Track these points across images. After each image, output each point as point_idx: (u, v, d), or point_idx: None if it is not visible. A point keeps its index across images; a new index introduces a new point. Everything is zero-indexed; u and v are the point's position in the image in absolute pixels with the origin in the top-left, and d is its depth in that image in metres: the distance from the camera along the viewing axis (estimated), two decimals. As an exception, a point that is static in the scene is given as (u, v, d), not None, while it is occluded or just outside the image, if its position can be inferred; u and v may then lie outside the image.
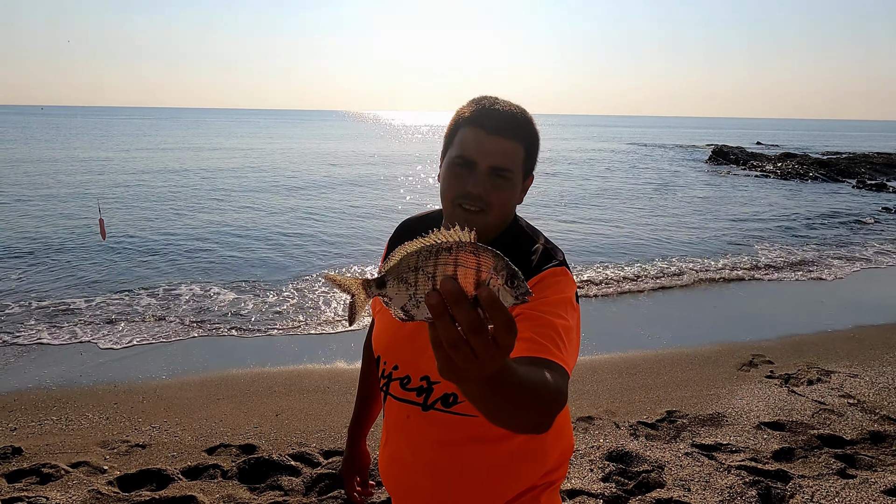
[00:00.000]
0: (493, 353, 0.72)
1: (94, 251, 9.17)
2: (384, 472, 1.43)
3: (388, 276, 0.78)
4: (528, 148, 1.28)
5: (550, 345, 1.10)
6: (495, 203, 1.24)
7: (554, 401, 0.98)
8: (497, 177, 1.23)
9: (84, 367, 4.93)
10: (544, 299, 1.19)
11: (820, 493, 3.17)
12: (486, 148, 1.23)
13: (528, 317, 1.16)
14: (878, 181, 20.51)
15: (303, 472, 3.27)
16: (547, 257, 1.28)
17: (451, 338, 0.71)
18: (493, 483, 1.27)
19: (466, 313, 0.70)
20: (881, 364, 5.15)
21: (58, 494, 3.00)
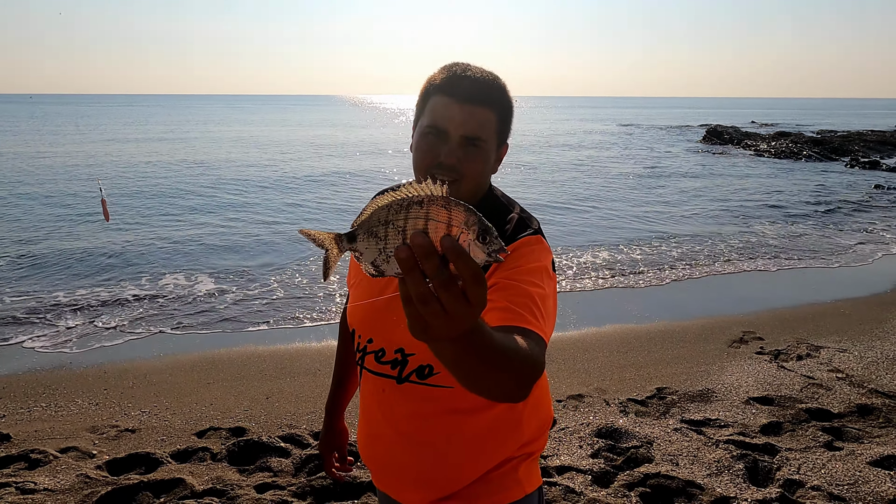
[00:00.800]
0: (464, 308, 0.70)
1: (83, 238, 9.10)
2: (363, 447, 1.42)
3: (359, 230, 0.76)
4: (502, 115, 1.25)
5: (527, 313, 1.08)
6: (468, 172, 1.22)
7: (531, 367, 0.96)
8: (470, 146, 1.21)
9: (73, 354, 4.91)
10: (519, 268, 1.17)
11: (806, 466, 3.20)
12: (458, 117, 1.20)
13: (504, 286, 1.14)
14: (871, 159, 20.52)
15: (292, 454, 3.27)
16: (522, 226, 1.27)
17: (421, 293, 0.69)
18: (471, 454, 1.26)
19: (436, 267, 0.68)
20: (870, 339, 5.18)
21: (46, 479, 2.99)
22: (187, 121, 49.01)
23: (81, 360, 4.76)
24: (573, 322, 5.68)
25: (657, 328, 5.51)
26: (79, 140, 27.94)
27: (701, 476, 3.09)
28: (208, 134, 34.01)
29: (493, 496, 1.28)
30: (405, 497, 1.34)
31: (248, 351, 4.98)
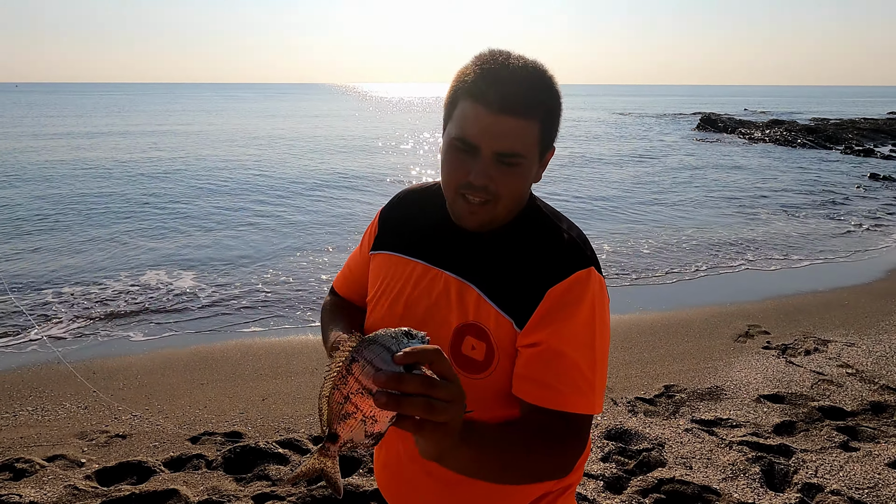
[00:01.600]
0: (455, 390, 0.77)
1: (65, 234, 8.88)
2: (381, 479, 1.28)
3: (333, 426, 0.80)
4: (546, 122, 1.05)
5: (570, 391, 1.02)
6: (504, 193, 1.04)
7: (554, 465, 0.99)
8: (505, 164, 1.02)
9: (61, 354, 4.74)
10: (566, 326, 1.03)
11: (824, 468, 3.10)
12: (491, 130, 1.00)
13: (546, 355, 1.02)
14: (865, 147, 20.50)
15: (291, 460, 3.14)
16: (575, 254, 1.08)
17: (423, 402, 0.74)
18: (505, 494, 1.12)
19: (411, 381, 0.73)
20: (877, 332, 5.10)
21: (32, 491, 2.84)
22: (177, 111, 48.37)
23: (69, 362, 4.60)
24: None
25: (660, 322, 5.40)
26: (42, 131, 27.47)
27: (716, 481, 2.99)
28: (207, 125, 33.58)
29: None
30: None
31: (242, 350, 4.83)
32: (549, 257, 1.07)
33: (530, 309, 1.05)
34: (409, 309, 1.15)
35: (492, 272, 1.09)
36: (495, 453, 0.92)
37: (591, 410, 1.03)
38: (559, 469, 1.00)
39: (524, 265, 1.08)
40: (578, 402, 1.02)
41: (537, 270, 1.06)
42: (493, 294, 1.08)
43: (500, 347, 1.06)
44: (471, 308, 1.09)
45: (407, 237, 1.21)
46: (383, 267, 1.23)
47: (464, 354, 1.08)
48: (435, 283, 1.13)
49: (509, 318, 1.06)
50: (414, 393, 0.73)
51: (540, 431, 0.99)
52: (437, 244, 1.16)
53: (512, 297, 1.06)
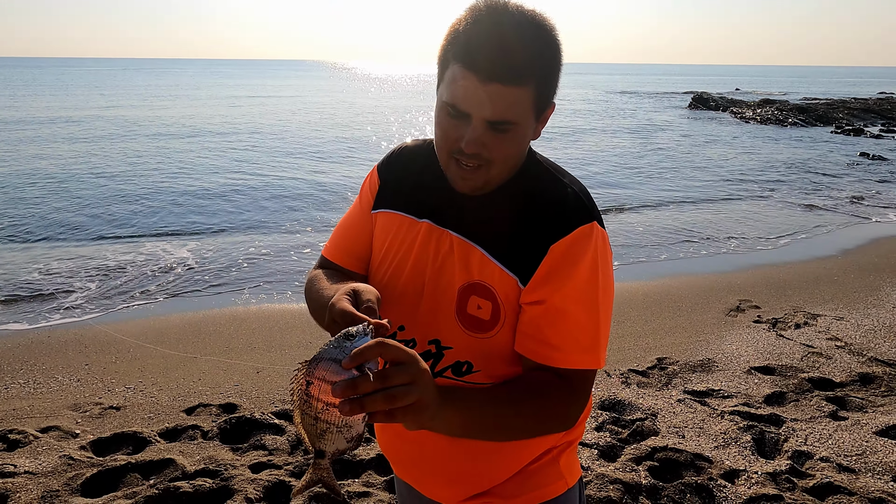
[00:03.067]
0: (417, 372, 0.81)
1: (50, 205, 8.76)
2: (384, 440, 1.27)
3: (316, 445, 0.85)
4: (541, 83, 0.99)
5: (573, 349, 1.02)
6: (497, 158, 1.01)
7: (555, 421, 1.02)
8: (497, 130, 0.98)
9: (51, 327, 4.70)
10: (569, 283, 1.01)
11: (813, 437, 3.15)
12: (481, 98, 0.95)
13: (550, 313, 1.01)
14: (855, 126, 20.58)
15: (287, 431, 3.14)
16: (577, 208, 1.05)
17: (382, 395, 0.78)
18: (510, 449, 1.12)
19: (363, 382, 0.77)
20: (865, 307, 5.16)
21: (27, 461, 2.83)
22: (169, 84, 47.58)
23: (60, 334, 4.56)
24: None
25: (653, 297, 5.43)
26: (38, 104, 26.95)
27: (708, 449, 3.03)
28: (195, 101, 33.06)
29: (536, 490, 1.14)
30: (434, 493, 1.20)
31: (235, 323, 4.81)
32: (551, 212, 1.05)
33: (534, 265, 1.03)
34: (416, 270, 1.13)
35: (494, 230, 1.08)
36: (486, 413, 0.95)
37: (594, 366, 1.04)
38: (562, 424, 1.02)
39: (526, 221, 1.06)
40: (582, 359, 1.03)
41: (539, 226, 1.04)
42: (496, 252, 1.06)
43: (507, 305, 1.05)
44: (475, 267, 1.07)
45: (410, 196, 1.18)
46: (389, 226, 1.19)
47: (470, 314, 1.07)
48: (441, 243, 1.11)
49: (514, 276, 1.04)
50: (372, 391, 0.77)
51: (543, 388, 1.00)
52: (440, 203, 1.13)
53: (515, 254, 1.05)
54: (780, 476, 2.79)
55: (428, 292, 1.11)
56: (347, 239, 1.26)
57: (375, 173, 1.26)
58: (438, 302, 1.09)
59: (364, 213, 1.25)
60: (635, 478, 2.76)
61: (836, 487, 2.71)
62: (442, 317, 1.09)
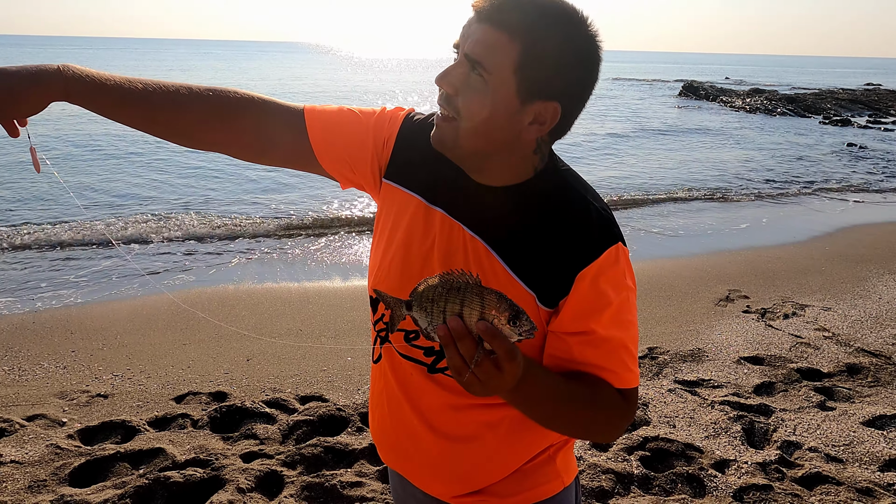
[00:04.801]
0: (496, 379, 0.85)
1: (35, 191, 8.60)
2: (378, 433, 1.25)
3: (413, 302, 0.89)
4: (530, 51, 0.92)
5: (620, 370, 1.04)
6: (464, 110, 0.96)
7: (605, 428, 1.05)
8: (473, 72, 0.95)
9: (36, 313, 4.62)
10: (608, 310, 1.01)
11: (802, 427, 3.19)
12: (470, 33, 0.96)
13: (600, 341, 1.02)
14: (843, 117, 20.73)
15: (278, 419, 3.12)
16: (603, 231, 1.02)
17: (456, 366, 0.84)
18: (508, 447, 1.11)
19: (467, 347, 0.83)
20: (852, 297, 5.22)
21: (13, 451, 2.78)
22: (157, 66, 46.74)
23: (45, 320, 4.48)
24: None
25: (642, 287, 5.44)
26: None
27: (699, 438, 3.05)
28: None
29: (532, 490, 1.13)
30: (428, 486, 1.19)
31: (224, 309, 4.76)
32: (577, 234, 1.01)
33: (559, 291, 1.01)
34: (427, 260, 1.08)
35: (512, 239, 1.03)
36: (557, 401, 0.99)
37: (637, 383, 1.07)
38: (611, 433, 1.06)
39: (549, 238, 1.01)
40: (630, 378, 1.05)
41: (565, 248, 1.00)
42: (514, 264, 1.03)
43: None
44: (489, 273, 1.03)
45: (425, 177, 1.10)
46: (401, 204, 1.12)
47: None
48: (453, 238, 1.06)
49: (532, 293, 1.02)
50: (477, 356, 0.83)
51: (607, 400, 1.03)
52: (454, 192, 1.08)
53: (535, 271, 1.02)
54: (769, 466, 2.82)
55: None
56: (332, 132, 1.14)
57: (399, 126, 1.15)
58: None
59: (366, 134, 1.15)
60: (627, 468, 2.78)
61: (825, 477, 2.75)
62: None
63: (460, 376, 0.84)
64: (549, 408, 0.99)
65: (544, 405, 0.99)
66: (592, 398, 1.02)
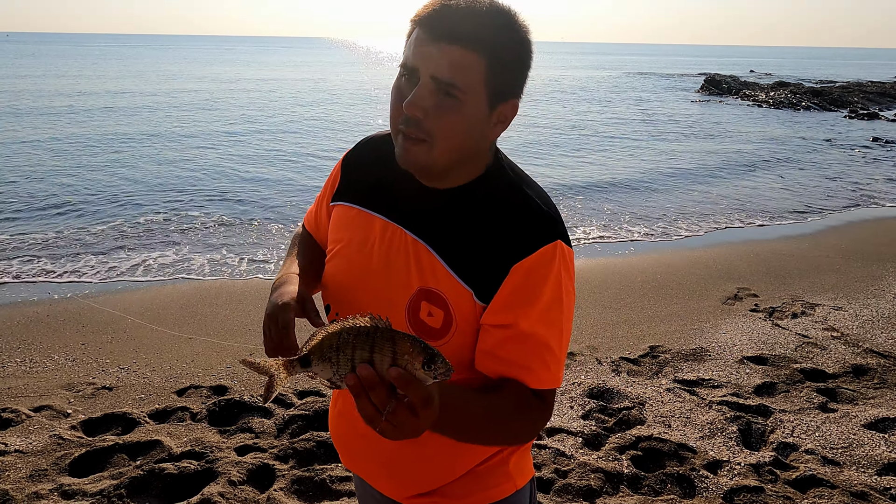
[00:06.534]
0: (412, 423, 0.82)
1: (47, 183, 8.81)
2: (335, 432, 1.28)
3: (313, 354, 0.84)
4: (496, 60, 0.96)
5: (538, 368, 1.03)
6: (439, 132, 0.96)
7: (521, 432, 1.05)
8: (443, 94, 0.95)
9: (51, 307, 4.75)
10: (535, 306, 1.00)
11: (801, 428, 3.15)
12: (430, 54, 0.94)
13: (520, 336, 1.01)
14: (870, 111, 20.20)
15: (275, 414, 3.17)
16: (542, 226, 1.02)
17: (368, 415, 0.81)
18: (459, 449, 1.12)
19: (379, 396, 0.79)
20: (865, 297, 5.11)
21: (17, 440, 2.88)
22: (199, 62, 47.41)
23: (59, 313, 4.61)
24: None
25: (650, 284, 5.40)
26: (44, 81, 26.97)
27: (693, 439, 3.03)
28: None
29: (482, 492, 1.14)
30: (383, 487, 1.21)
31: (231, 305, 4.84)
32: (514, 229, 1.02)
33: (494, 284, 1.01)
34: (368, 267, 1.11)
35: (453, 237, 1.05)
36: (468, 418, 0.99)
37: (557, 385, 1.06)
38: (527, 437, 1.07)
39: (488, 234, 1.03)
40: (550, 378, 1.04)
41: (502, 243, 1.02)
42: (453, 261, 1.04)
43: (459, 316, 1.03)
44: (428, 273, 1.05)
45: (367, 189, 1.16)
46: (342, 219, 1.18)
47: (420, 320, 1.05)
48: (394, 241, 1.09)
49: (469, 289, 1.03)
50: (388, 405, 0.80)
51: (515, 402, 1.02)
52: (399, 199, 1.11)
53: (473, 267, 1.03)
54: (763, 468, 2.79)
55: (378, 292, 1.09)
56: (316, 219, 1.31)
57: (340, 165, 1.25)
58: (390, 304, 1.07)
59: (325, 203, 1.27)
60: (617, 467, 2.77)
61: (819, 480, 2.71)
62: (392, 319, 1.07)
63: (374, 425, 0.81)
64: (466, 430, 0.99)
65: (460, 428, 0.99)
66: (509, 409, 1.01)
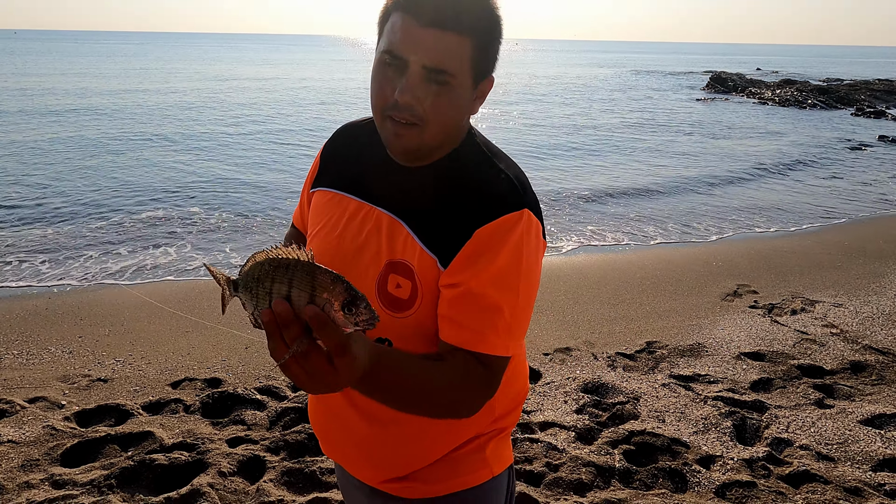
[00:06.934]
0: (329, 374, 0.75)
1: (58, 178, 8.84)
2: (313, 416, 1.28)
3: (241, 281, 0.81)
4: (480, 41, 0.99)
5: (487, 331, 1.00)
6: (431, 117, 0.98)
7: (461, 401, 0.99)
8: (434, 82, 0.97)
9: (49, 300, 4.77)
10: (488, 270, 0.99)
11: (796, 424, 3.12)
12: (420, 42, 0.95)
13: (464, 295, 0.99)
14: (876, 109, 20.06)
15: (268, 406, 3.17)
16: (508, 195, 1.03)
17: (280, 357, 0.74)
18: (433, 433, 1.11)
19: (293, 337, 0.73)
20: (867, 294, 5.07)
21: (11, 431, 2.89)
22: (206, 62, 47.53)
23: (57, 306, 4.63)
24: (566, 276, 5.55)
25: (649, 280, 5.38)
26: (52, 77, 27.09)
27: (687, 433, 3.01)
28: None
29: (457, 478, 1.14)
30: (358, 472, 1.21)
31: (232, 302, 4.84)
32: (478, 196, 1.03)
33: (456, 248, 1.01)
34: (341, 246, 1.12)
35: (424, 209, 1.06)
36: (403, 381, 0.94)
37: (505, 353, 1.01)
38: (464, 408, 1.00)
39: (455, 204, 1.04)
40: (496, 343, 1.00)
41: (466, 209, 1.02)
42: (421, 232, 1.05)
43: (424, 286, 1.04)
44: (399, 245, 1.06)
45: (345, 173, 1.18)
46: (319, 205, 1.20)
47: (389, 293, 1.06)
48: (367, 219, 1.10)
49: (434, 257, 1.03)
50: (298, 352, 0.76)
51: (453, 370, 0.98)
52: (373, 180, 1.13)
53: (438, 234, 1.03)
54: (756, 463, 2.77)
55: (350, 269, 1.09)
56: (301, 213, 1.33)
57: (319, 154, 1.27)
58: (360, 279, 1.08)
59: (306, 193, 1.29)
60: (609, 461, 2.76)
61: (812, 475, 2.69)
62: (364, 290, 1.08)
63: (287, 371, 0.76)
64: (399, 395, 0.95)
65: (392, 393, 0.95)
66: (448, 376, 0.97)
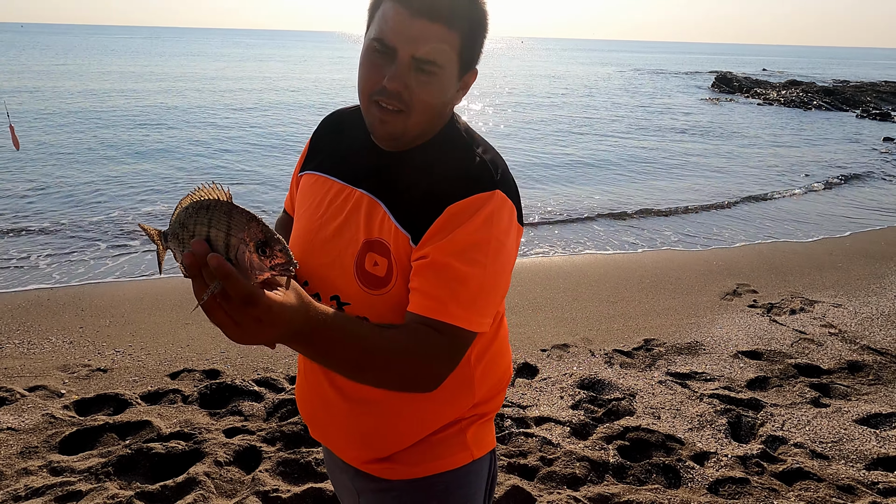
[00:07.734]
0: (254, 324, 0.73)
1: (48, 179, 8.88)
2: (300, 400, 1.30)
3: (169, 229, 0.79)
4: (467, 35, 1.03)
5: (450, 302, 0.97)
6: (417, 104, 1.02)
7: (417, 371, 0.97)
8: (421, 71, 1.00)
9: (52, 291, 4.80)
10: (457, 241, 1.00)
11: (791, 422, 3.13)
12: (410, 32, 0.98)
13: (432, 265, 1.00)
14: (882, 111, 19.97)
15: (265, 398, 3.20)
16: (481, 175, 1.05)
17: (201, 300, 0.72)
18: (413, 414, 1.13)
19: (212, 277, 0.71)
20: (866, 294, 5.07)
21: (10, 418, 2.92)
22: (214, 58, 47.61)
23: (59, 297, 4.66)
24: (565, 273, 5.55)
25: (649, 278, 5.38)
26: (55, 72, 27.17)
27: (682, 430, 3.02)
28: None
29: (437, 460, 1.15)
30: (342, 453, 1.23)
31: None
32: (455, 177, 1.05)
33: (427, 225, 1.03)
34: (322, 227, 1.15)
35: (401, 190, 1.09)
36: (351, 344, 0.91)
37: (468, 325, 1.00)
38: (422, 379, 0.98)
39: (429, 184, 1.06)
40: (458, 314, 0.99)
41: (441, 189, 1.05)
42: (396, 210, 1.07)
43: (399, 263, 1.06)
44: (376, 225, 1.09)
45: (331, 157, 1.21)
46: (306, 187, 1.23)
47: (367, 271, 1.08)
48: (347, 200, 1.13)
49: (407, 234, 1.05)
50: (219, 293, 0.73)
51: (410, 336, 0.97)
52: (356, 163, 1.16)
53: (412, 213, 1.06)
54: (750, 460, 2.78)
55: (330, 248, 1.12)
56: (291, 198, 1.36)
57: (309, 140, 1.30)
58: (339, 258, 1.11)
59: (295, 178, 1.32)
60: (603, 456, 2.77)
61: (806, 473, 2.69)
62: (341, 272, 1.10)
63: (211, 315, 0.73)
64: (348, 360, 0.92)
65: (340, 357, 0.92)
66: (402, 343, 0.95)
